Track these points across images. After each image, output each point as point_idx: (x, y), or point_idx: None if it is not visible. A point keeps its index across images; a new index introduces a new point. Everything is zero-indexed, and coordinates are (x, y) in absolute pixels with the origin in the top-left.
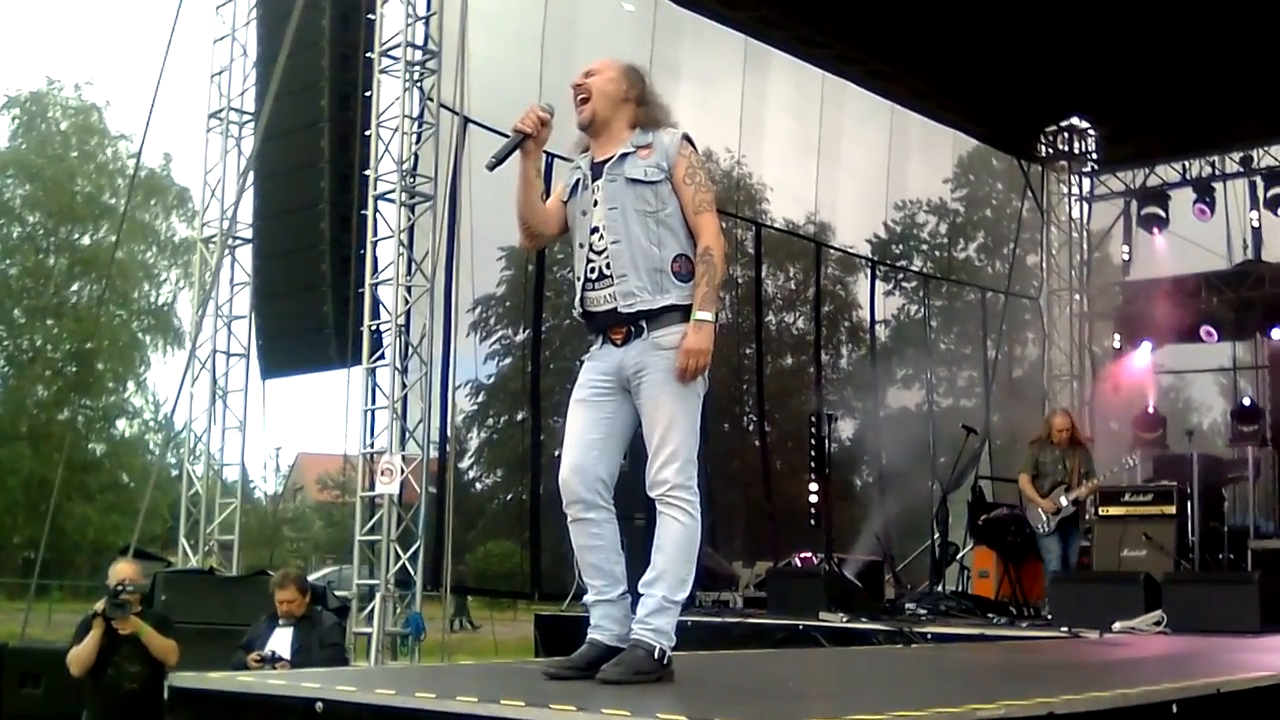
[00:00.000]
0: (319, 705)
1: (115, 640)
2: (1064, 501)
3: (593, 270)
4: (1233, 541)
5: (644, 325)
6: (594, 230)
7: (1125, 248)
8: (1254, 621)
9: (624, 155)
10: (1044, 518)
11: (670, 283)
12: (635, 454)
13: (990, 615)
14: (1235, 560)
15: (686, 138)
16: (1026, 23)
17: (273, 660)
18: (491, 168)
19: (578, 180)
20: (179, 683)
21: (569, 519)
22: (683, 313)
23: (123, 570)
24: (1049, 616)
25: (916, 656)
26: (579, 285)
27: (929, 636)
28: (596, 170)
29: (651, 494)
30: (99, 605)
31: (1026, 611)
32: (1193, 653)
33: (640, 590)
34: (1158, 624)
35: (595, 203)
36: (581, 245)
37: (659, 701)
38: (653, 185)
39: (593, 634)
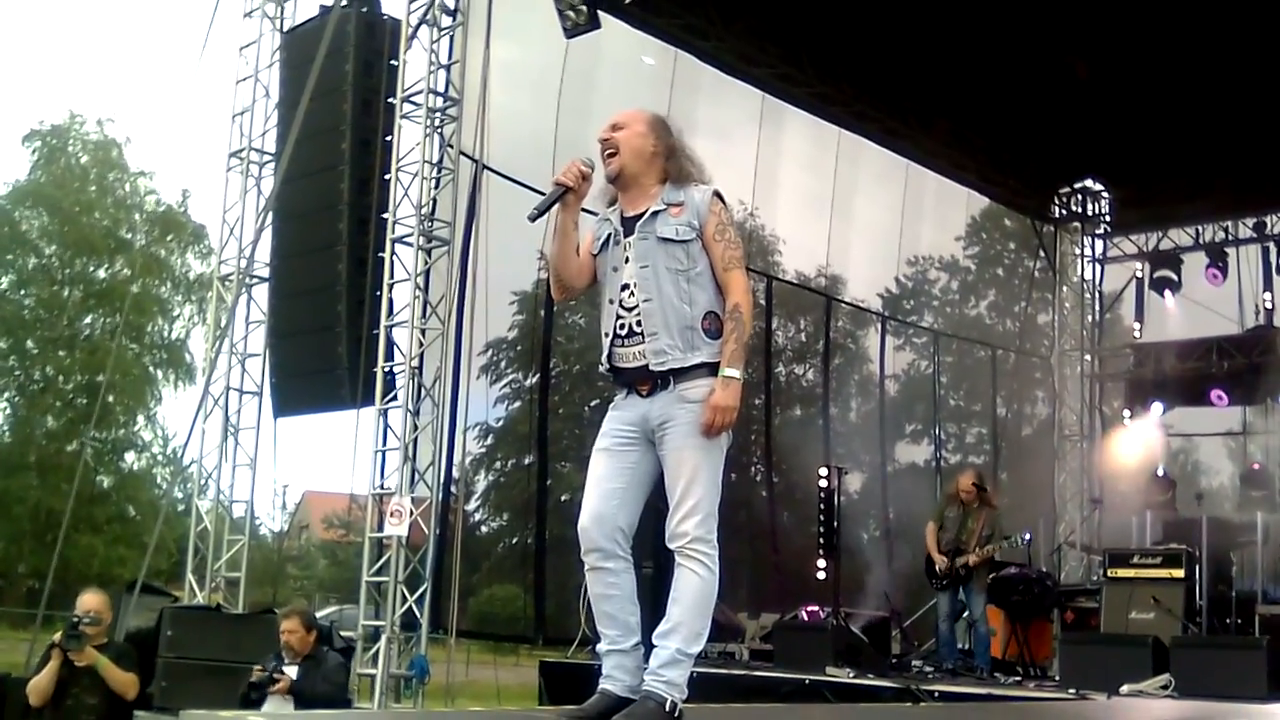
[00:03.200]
0: None
1: (75, 671)
2: (956, 563)
3: (622, 327)
4: (1240, 607)
5: (671, 379)
6: (624, 287)
7: (1137, 310)
8: (1261, 688)
9: (655, 213)
10: (937, 572)
11: (701, 340)
12: (647, 504)
13: (997, 675)
14: (1242, 625)
15: (718, 194)
16: (1042, 85)
17: (276, 670)
18: (533, 219)
19: (608, 235)
20: None
21: (586, 567)
22: (710, 368)
23: (87, 601)
24: (1056, 677)
25: (924, 716)
26: (607, 341)
27: (936, 695)
28: (628, 226)
29: (671, 545)
30: (57, 636)
31: (1034, 672)
32: (1201, 718)
33: (654, 641)
34: (1165, 687)
35: (626, 259)
36: (611, 301)
37: None
38: (684, 244)
39: (604, 684)
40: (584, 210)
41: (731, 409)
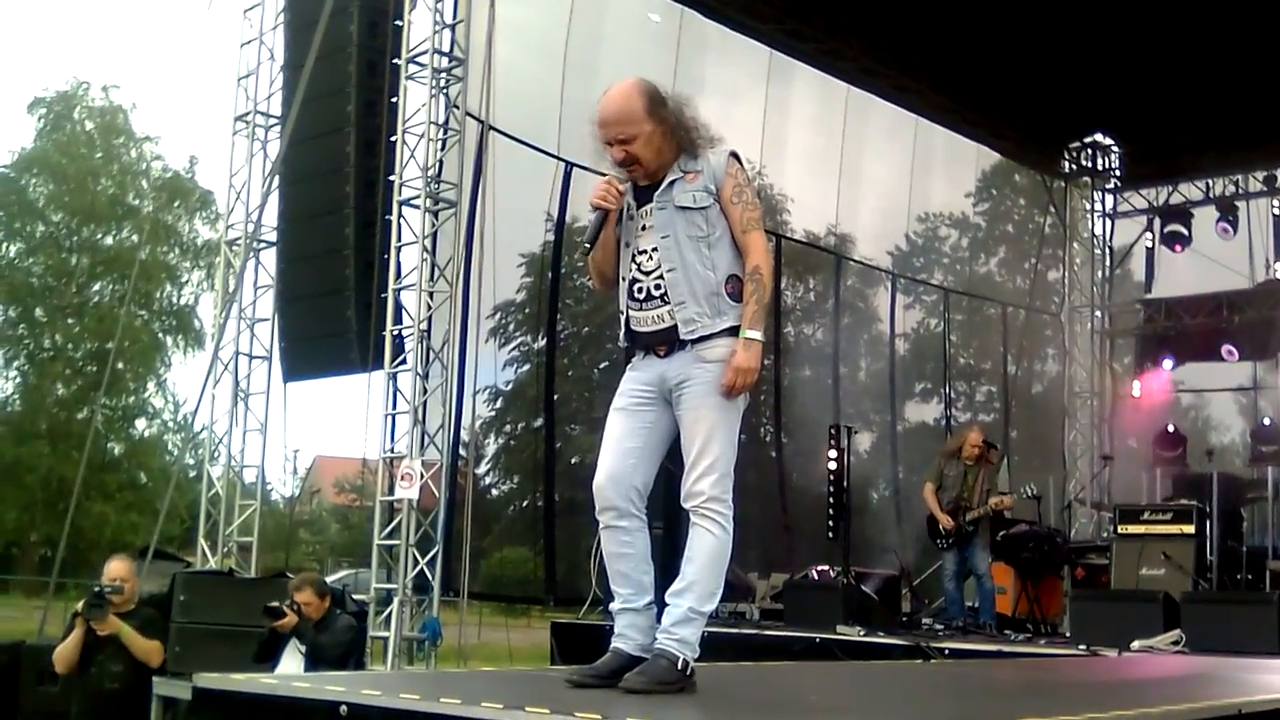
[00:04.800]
0: (343, 709)
1: (99, 639)
2: (963, 520)
3: (640, 290)
4: (1251, 562)
5: (690, 340)
6: (641, 252)
7: (1147, 265)
8: (1273, 643)
9: (672, 181)
10: (943, 531)
11: (726, 305)
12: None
13: (1008, 631)
14: (1253, 581)
15: (734, 155)
16: (1051, 39)
17: (285, 609)
18: (588, 251)
19: (623, 209)
20: (203, 683)
21: (600, 526)
22: (730, 330)
23: (113, 569)
24: (1067, 634)
25: (935, 672)
26: (624, 313)
27: (947, 652)
28: (643, 196)
29: (686, 504)
30: (80, 605)
31: (1044, 629)
32: (1212, 673)
33: (667, 600)
34: (1176, 643)
35: (644, 228)
36: (624, 277)
37: (682, 712)
38: (703, 210)
39: (616, 642)
40: (593, 170)
41: (753, 370)
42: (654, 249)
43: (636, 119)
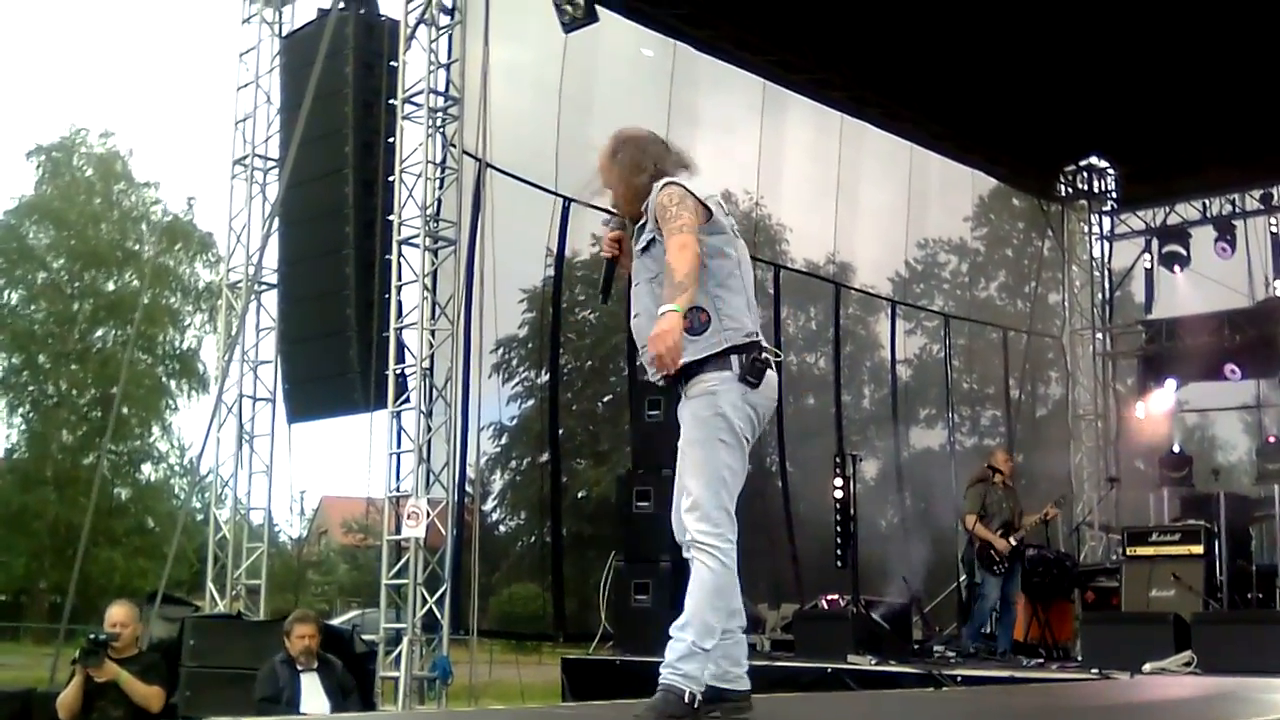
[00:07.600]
0: None
1: (100, 686)
2: (1013, 542)
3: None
4: (1261, 581)
5: (681, 381)
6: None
7: (1147, 286)
8: None
9: (641, 226)
10: (998, 558)
11: (687, 340)
12: (661, 497)
13: (1020, 657)
14: (1264, 599)
15: (669, 183)
16: (1043, 63)
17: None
18: (605, 300)
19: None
20: None
21: None
22: (700, 363)
23: (114, 614)
24: (1079, 658)
25: (948, 700)
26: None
27: (959, 679)
28: (637, 240)
29: (680, 540)
30: (77, 652)
31: (1056, 653)
32: (1224, 693)
33: (671, 634)
34: (1188, 664)
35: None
36: (637, 315)
37: None
38: (647, 251)
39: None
40: (591, 205)
41: (660, 336)
42: (633, 297)
43: (604, 166)
